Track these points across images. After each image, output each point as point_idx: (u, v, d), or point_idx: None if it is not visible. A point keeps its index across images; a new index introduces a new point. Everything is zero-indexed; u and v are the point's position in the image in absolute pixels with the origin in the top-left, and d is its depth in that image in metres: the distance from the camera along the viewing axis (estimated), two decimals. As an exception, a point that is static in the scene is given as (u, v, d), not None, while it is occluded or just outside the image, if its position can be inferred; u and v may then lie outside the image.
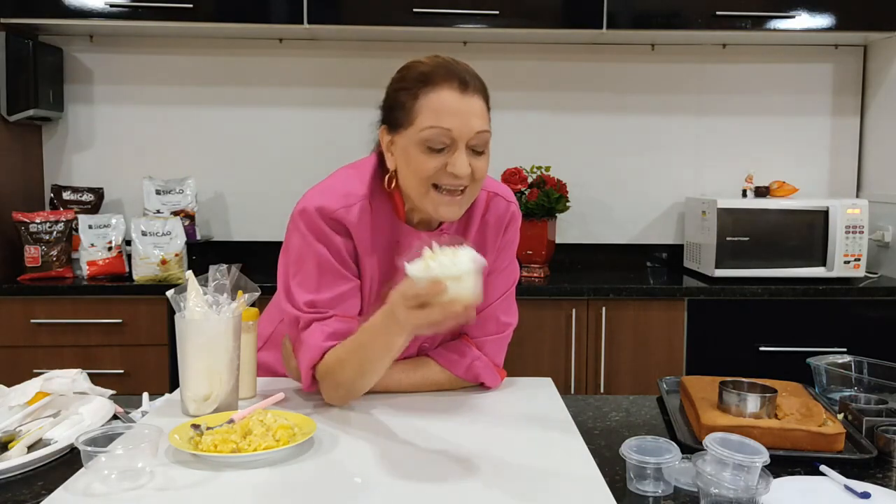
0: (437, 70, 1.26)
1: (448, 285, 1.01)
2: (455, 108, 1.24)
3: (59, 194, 3.03)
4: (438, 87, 1.25)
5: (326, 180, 1.38)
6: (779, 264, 2.82)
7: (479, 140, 1.27)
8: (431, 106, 1.24)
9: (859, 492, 1.01)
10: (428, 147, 1.25)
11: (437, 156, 1.25)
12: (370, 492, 0.99)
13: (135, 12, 2.77)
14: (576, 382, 2.74)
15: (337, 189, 1.34)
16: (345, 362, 1.27)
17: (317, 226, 1.30)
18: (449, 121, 1.23)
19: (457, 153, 1.25)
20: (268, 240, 3.19)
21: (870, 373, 1.45)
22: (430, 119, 1.24)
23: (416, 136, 1.25)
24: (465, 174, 1.25)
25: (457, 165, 1.24)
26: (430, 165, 1.25)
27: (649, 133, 3.26)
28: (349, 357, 1.26)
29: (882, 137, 3.15)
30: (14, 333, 2.62)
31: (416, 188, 1.28)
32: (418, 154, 1.25)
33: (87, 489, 0.98)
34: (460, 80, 1.26)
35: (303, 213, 1.31)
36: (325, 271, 1.31)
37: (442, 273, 0.99)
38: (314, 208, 1.31)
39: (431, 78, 1.26)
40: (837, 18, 2.87)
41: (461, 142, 1.25)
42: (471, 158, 1.26)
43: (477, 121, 1.25)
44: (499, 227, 1.45)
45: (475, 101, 1.26)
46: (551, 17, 2.85)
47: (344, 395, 1.32)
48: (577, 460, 1.10)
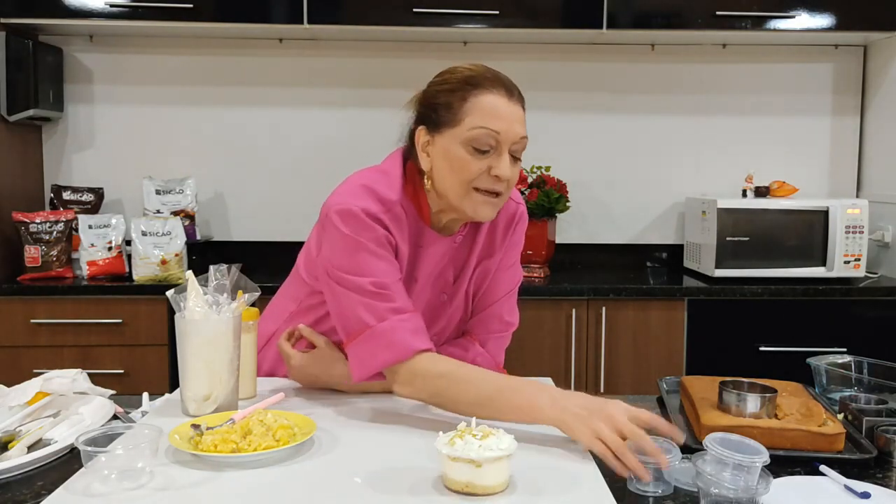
0: (486, 74, 1.30)
1: (468, 468, 0.97)
2: (503, 112, 1.27)
3: (59, 194, 3.03)
4: (487, 90, 1.28)
5: (358, 180, 1.33)
6: (779, 264, 2.82)
7: (520, 146, 1.30)
8: (481, 107, 1.27)
9: (859, 492, 1.01)
10: (474, 147, 1.26)
11: (482, 157, 1.27)
12: (370, 492, 0.99)
13: (135, 12, 2.77)
14: (576, 382, 2.73)
15: (370, 192, 1.30)
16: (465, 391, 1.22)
17: (364, 223, 1.27)
18: (497, 124, 1.26)
19: (502, 156, 1.27)
20: (268, 240, 3.20)
21: (870, 373, 1.45)
22: (479, 120, 1.26)
23: (463, 135, 1.26)
24: (508, 177, 1.28)
25: (501, 168, 1.27)
26: (475, 167, 1.27)
27: (649, 133, 3.26)
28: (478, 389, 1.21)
29: (882, 137, 3.15)
30: (14, 333, 2.62)
31: (457, 189, 1.28)
32: (464, 154, 1.27)
33: (87, 489, 0.98)
34: (507, 86, 1.30)
35: (347, 214, 1.27)
36: (381, 259, 1.28)
37: (464, 454, 0.96)
38: (360, 209, 1.27)
39: (480, 82, 1.29)
40: (837, 18, 2.87)
41: (505, 145, 1.27)
42: (509, 164, 1.29)
43: (520, 127, 1.29)
44: (508, 226, 1.46)
45: (518, 108, 1.30)
46: (551, 17, 2.85)
47: (424, 399, 1.27)
48: (577, 460, 1.10)
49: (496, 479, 0.98)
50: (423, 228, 1.36)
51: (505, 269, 1.47)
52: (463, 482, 0.97)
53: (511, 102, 1.28)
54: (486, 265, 1.45)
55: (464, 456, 0.96)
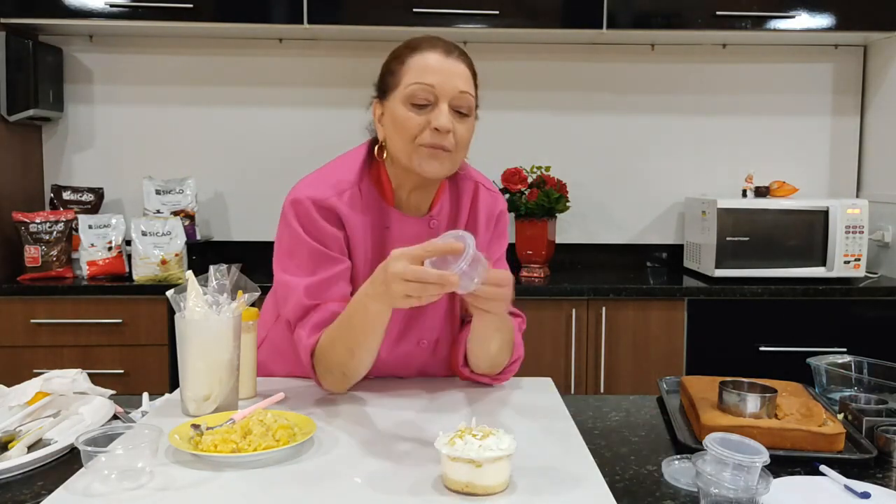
0: (424, 38, 1.35)
1: (467, 468, 0.97)
2: (438, 67, 1.30)
3: (59, 194, 3.03)
4: (424, 50, 1.32)
5: (317, 171, 1.41)
6: (779, 264, 2.82)
7: (462, 101, 1.31)
8: (417, 65, 1.31)
9: (859, 492, 1.01)
10: (412, 104, 1.30)
11: (422, 112, 1.30)
12: (370, 492, 0.99)
13: (135, 12, 2.77)
14: (576, 382, 2.74)
15: (327, 178, 1.37)
16: (335, 341, 1.29)
17: (308, 215, 1.33)
18: (432, 77, 1.29)
19: (439, 109, 1.29)
20: (268, 240, 3.16)
21: (870, 373, 1.45)
22: (414, 76, 1.30)
23: (402, 94, 1.31)
24: (446, 127, 1.28)
25: (440, 119, 1.28)
26: (415, 122, 1.30)
27: (649, 133, 3.26)
28: (338, 335, 1.28)
29: (882, 137, 3.15)
30: (14, 333, 2.62)
31: (403, 148, 1.32)
32: (404, 112, 1.31)
33: (87, 489, 0.98)
34: (445, 45, 1.33)
35: (294, 204, 1.35)
36: (318, 257, 1.34)
37: (464, 454, 0.97)
38: (306, 198, 1.34)
39: (418, 44, 1.34)
40: (837, 18, 2.87)
41: (443, 98, 1.30)
42: (455, 120, 1.30)
43: (460, 81, 1.31)
44: (489, 217, 1.49)
45: (459, 64, 1.32)
46: (551, 17, 2.85)
47: (340, 378, 1.33)
48: (577, 460, 1.10)
49: (496, 479, 0.98)
50: (387, 209, 1.39)
51: (493, 263, 1.46)
52: (463, 482, 0.97)
53: (449, 59, 1.31)
54: None
55: (464, 456, 0.96)
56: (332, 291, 1.33)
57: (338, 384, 1.35)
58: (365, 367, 1.32)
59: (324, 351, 1.31)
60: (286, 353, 1.46)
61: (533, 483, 1.02)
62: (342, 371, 1.31)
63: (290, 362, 1.47)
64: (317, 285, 1.33)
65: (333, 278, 1.34)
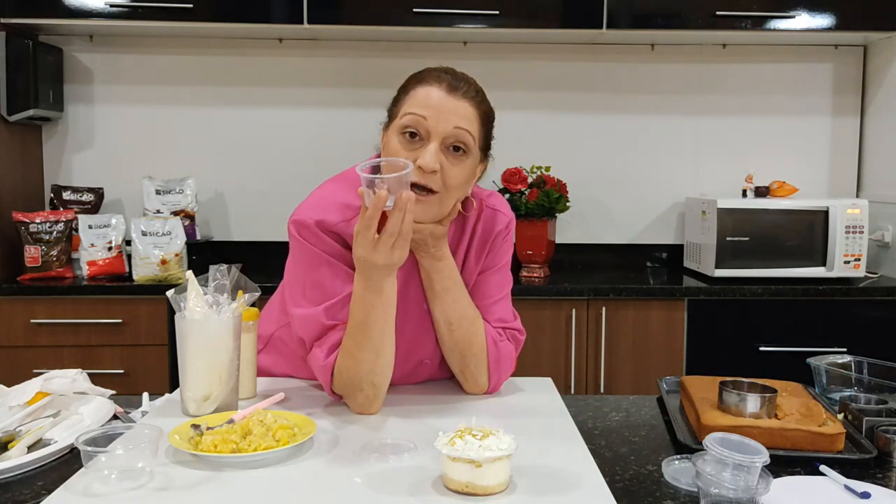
0: (432, 70, 1.29)
1: (467, 468, 0.97)
2: (437, 102, 1.24)
3: (59, 194, 3.03)
4: (429, 83, 1.26)
5: (318, 192, 1.37)
6: (779, 264, 2.82)
7: (459, 138, 1.24)
8: (417, 96, 1.26)
9: (859, 492, 1.01)
10: (403, 134, 1.25)
11: (413, 147, 1.24)
12: (370, 492, 0.99)
13: (135, 12, 2.77)
14: (576, 382, 2.74)
15: (333, 201, 1.32)
16: (355, 350, 1.24)
17: (318, 237, 1.30)
18: (426, 110, 1.23)
19: (428, 145, 1.23)
20: (268, 240, 3.20)
21: (870, 373, 1.45)
22: (410, 107, 1.25)
23: (398, 123, 1.26)
24: (429, 167, 1.21)
25: (425, 157, 1.21)
26: (403, 155, 1.22)
27: (649, 133, 3.26)
28: (354, 343, 1.24)
29: (882, 137, 3.15)
30: (14, 333, 2.62)
31: None
32: (396, 144, 1.25)
33: (87, 489, 0.98)
34: (451, 82, 1.26)
35: (302, 227, 1.30)
36: (335, 271, 1.30)
37: (464, 454, 0.97)
38: (314, 222, 1.29)
39: (425, 76, 1.28)
40: (837, 18, 2.87)
41: (435, 136, 1.23)
42: (448, 160, 1.24)
43: (457, 119, 1.24)
44: (486, 238, 1.42)
45: (462, 103, 1.25)
46: (551, 17, 2.85)
47: (370, 390, 1.27)
48: (577, 460, 1.10)
49: (496, 480, 0.98)
50: None
51: (492, 273, 1.43)
52: (463, 482, 0.98)
53: (451, 95, 1.24)
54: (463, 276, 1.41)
55: (464, 456, 0.96)
56: (346, 311, 1.28)
57: (370, 400, 1.28)
58: (390, 364, 1.27)
59: (346, 368, 1.26)
60: (289, 356, 1.46)
61: (533, 483, 1.02)
62: (371, 381, 1.26)
63: (291, 364, 1.47)
64: (337, 305, 1.29)
65: (349, 297, 1.28)
